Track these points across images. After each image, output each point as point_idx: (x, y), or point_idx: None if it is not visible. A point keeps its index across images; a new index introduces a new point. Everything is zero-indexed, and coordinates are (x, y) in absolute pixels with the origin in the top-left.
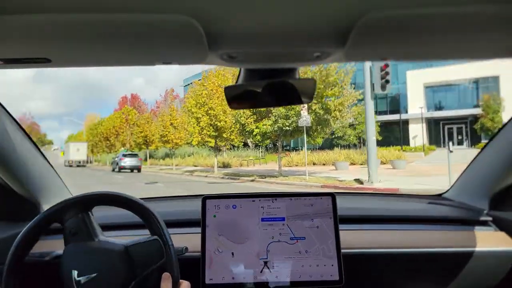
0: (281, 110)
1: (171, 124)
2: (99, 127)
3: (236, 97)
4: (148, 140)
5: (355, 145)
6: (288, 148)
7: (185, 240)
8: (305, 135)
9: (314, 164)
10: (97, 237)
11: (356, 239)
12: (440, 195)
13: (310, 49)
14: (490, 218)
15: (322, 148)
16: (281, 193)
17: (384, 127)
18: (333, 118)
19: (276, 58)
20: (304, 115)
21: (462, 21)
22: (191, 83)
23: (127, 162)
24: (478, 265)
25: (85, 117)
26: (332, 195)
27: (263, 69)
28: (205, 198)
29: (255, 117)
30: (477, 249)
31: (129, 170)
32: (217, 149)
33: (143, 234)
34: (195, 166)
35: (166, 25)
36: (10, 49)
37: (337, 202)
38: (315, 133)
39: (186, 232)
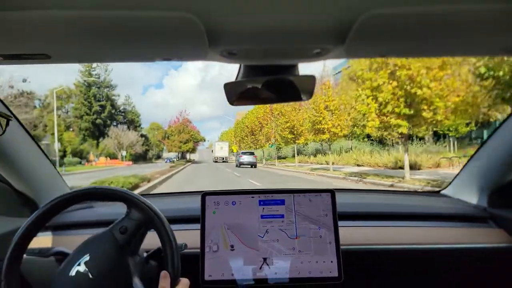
0: None
1: (326, 107)
2: (245, 121)
3: (236, 93)
4: (295, 132)
5: None
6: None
7: (185, 237)
8: None
9: None
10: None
11: (355, 235)
12: (438, 191)
13: (310, 46)
14: (488, 215)
15: None
16: (280, 189)
17: None
18: None
19: (276, 54)
20: None
21: (460, 19)
22: (341, 71)
23: (245, 159)
24: (476, 261)
25: (236, 115)
26: (332, 192)
27: (263, 65)
28: (204, 194)
29: None
30: (475, 245)
31: (249, 166)
32: (406, 139)
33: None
34: (358, 165)
35: (167, 22)
36: (9, 45)
37: (336, 199)
38: None
39: (185, 229)
